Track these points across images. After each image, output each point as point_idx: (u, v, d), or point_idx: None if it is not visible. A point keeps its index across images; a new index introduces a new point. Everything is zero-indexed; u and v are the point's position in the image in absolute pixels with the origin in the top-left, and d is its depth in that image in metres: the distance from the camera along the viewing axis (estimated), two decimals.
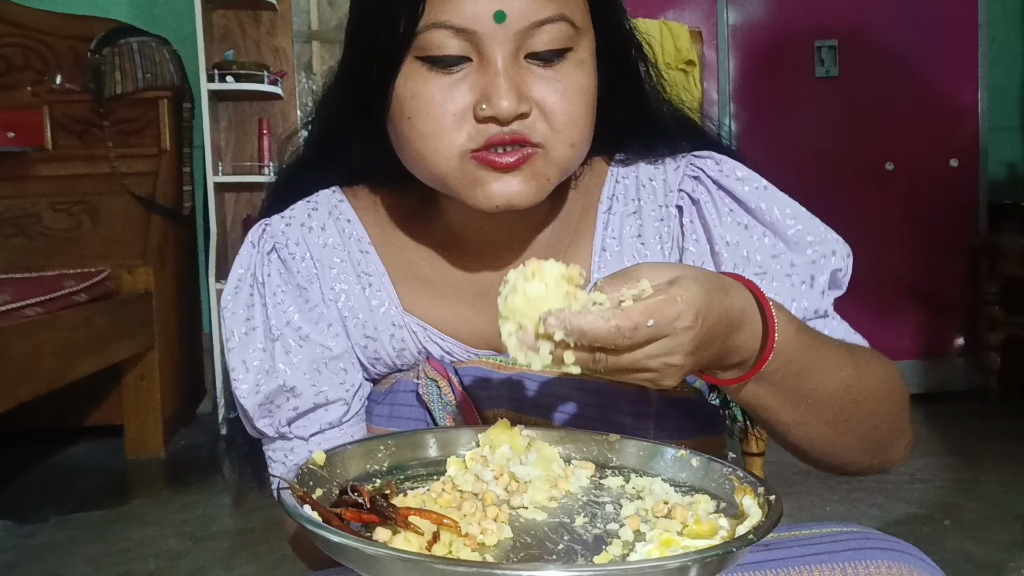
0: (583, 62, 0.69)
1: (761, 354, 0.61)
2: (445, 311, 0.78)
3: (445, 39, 0.66)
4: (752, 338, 0.61)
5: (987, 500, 2.34)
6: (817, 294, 0.73)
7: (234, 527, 2.31)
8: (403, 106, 0.68)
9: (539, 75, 0.67)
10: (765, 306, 0.61)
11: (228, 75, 3.19)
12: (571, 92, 0.68)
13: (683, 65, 2.43)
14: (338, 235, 0.79)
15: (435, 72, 0.67)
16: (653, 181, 0.78)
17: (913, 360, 3.47)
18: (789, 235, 0.74)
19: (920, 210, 3.47)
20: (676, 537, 0.54)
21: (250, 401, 0.75)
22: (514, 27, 0.65)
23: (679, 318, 0.54)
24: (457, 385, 0.77)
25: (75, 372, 2.57)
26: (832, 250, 0.74)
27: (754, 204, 0.74)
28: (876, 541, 0.66)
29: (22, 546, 2.23)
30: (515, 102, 0.65)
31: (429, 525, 0.53)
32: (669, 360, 0.56)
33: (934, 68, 3.44)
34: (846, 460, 0.71)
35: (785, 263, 0.73)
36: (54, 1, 3.49)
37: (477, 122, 0.67)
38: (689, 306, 0.55)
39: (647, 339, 0.54)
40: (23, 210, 3.25)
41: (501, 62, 0.66)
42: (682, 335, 0.55)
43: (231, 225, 3.45)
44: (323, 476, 0.61)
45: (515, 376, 0.76)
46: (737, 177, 0.75)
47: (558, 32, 0.67)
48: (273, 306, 0.76)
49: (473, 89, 0.67)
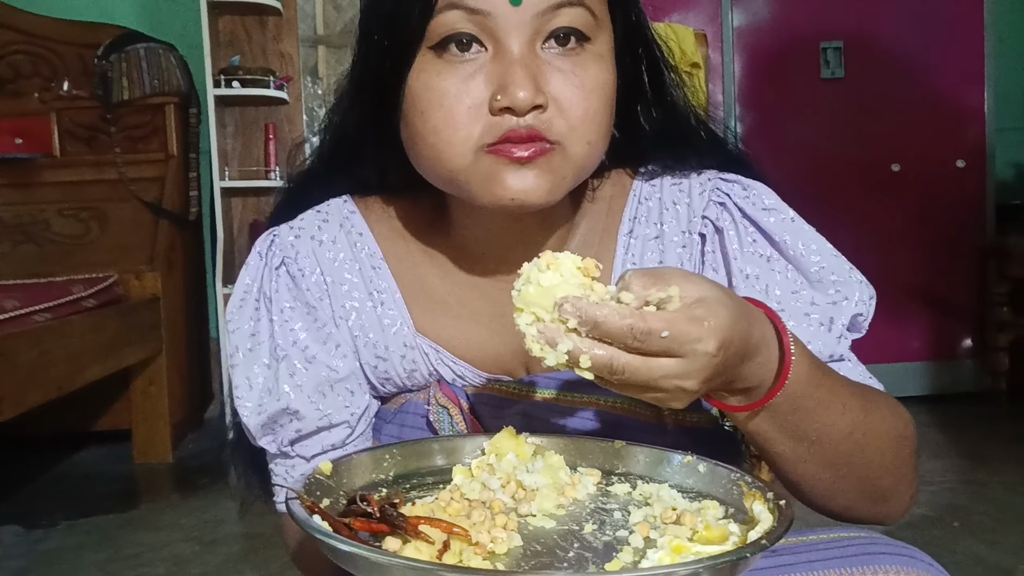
0: (602, 56, 0.67)
1: (773, 386, 0.60)
2: (458, 332, 0.76)
3: (458, 19, 0.64)
4: (766, 368, 0.59)
5: (996, 502, 2.33)
6: (834, 338, 0.71)
7: (242, 532, 2.31)
8: (416, 100, 0.66)
9: (556, 67, 0.65)
10: (784, 339, 0.59)
11: (234, 80, 3.19)
12: (589, 86, 0.65)
13: (688, 68, 2.43)
14: (349, 249, 0.77)
15: (449, 63, 0.65)
16: (677, 205, 0.76)
17: (921, 362, 3.46)
18: (812, 272, 0.71)
19: (927, 212, 3.46)
20: (687, 544, 0.54)
21: (253, 420, 0.73)
22: (531, 9, 0.63)
23: (700, 342, 0.52)
24: (468, 412, 0.75)
25: (83, 378, 2.58)
26: (855, 292, 0.71)
27: (779, 237, 0.72)
28: (884, 546, 0.66)
29: (32, 552, 2.23)
30: (532, 92, 0.63)
31: (439, 534, 0.53)
32: (683, 384, 0.54)
33: (940, 69, 3.43)
34: (844, 505, 0.69)
35: (805, 301, 0.71)
36: (61, 8, 3.51)
37: (492, 115, 0.64)
38: (713, 333, 0.53)
39: (659, 351, 0.52)
40: (31, 216, 3.26)
41: (517, 50, 0.64)
42: (701, 360, 0.53)
43: (238, 230, 3.46)
44: (330, 486, 0.61)
45: (527, 403, 0.75)
46: (764, 207, 0.73)
47: (576, 16, 0.65)
48: (280, 324, 0.74)
49: (488, 81, 0.64)
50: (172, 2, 3.67)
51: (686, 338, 0.52)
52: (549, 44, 0.65)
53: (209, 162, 3.27)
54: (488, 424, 0.75)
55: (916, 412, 2.54)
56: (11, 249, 3.20)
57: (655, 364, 0.53)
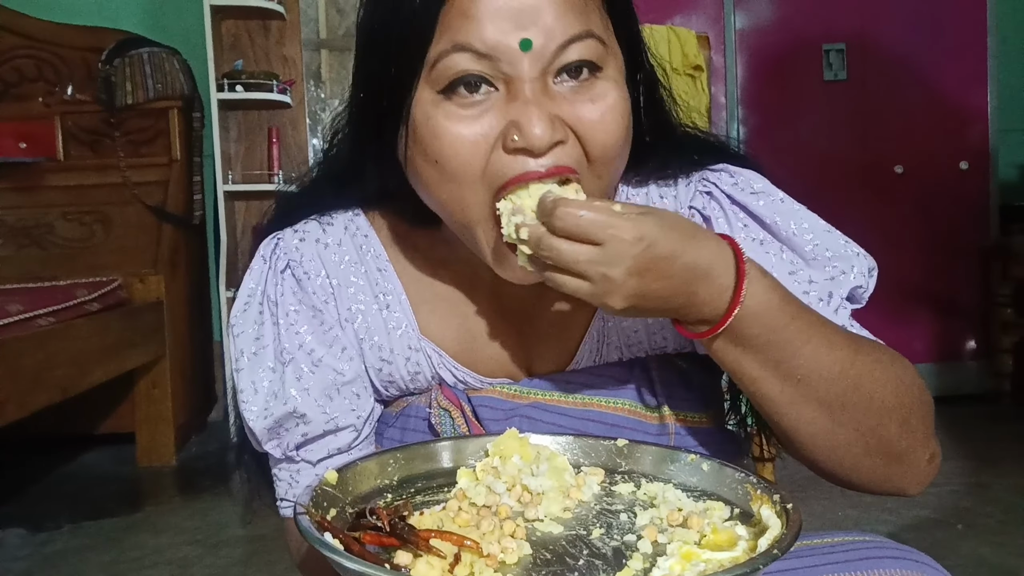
0: (616, 81, 0.65)
1: (729, 306, 0.60)
2: (461, 336, 0.77)
3: (467, 61, 0.62)
4: (722, 293, 0.60)
5: (1001, 504, 2.32)
6: (831, 311, 0.70)
7: (246, 534, 2.31)
8: (425, 145, 0.64)
9: (572, 100, 0.63)
10: (740, 263, 0.60)
11: (238, 84, 3.20)
12: (608, 113, 0.64)
13: (690, 70, 2.43)
14: (355, 251, 0.77)
15: (459, 106, 0.63)
16: (664, 199, 0.76)
17: (926, 364, 3.45)
18: (807, 251, 0.71)
19: (930, 213, 3.46)
20: (696, 550, 0.54)
21: (258, 424, 0.73)
22: (541, 52, 0.61)
23: (615, 228, 0.56)
24: (471, 415, 0.75)
25: (88, 381, 2.58)
26: (852, 265, 0.71)
27: (769, 219, 0.72)
28: (889, 550, 0.66)
29: (36, 554, 2.24)
30: (549, 130, 0.61)
31: (450, 547, 0.53)
32: (607, 272, 0.57)
33: (943, 70, 3.43)
34: (851, 464, 0.66)
35: (803, 280, 0.71)
36: (65, 13, 3.52)
37: (506, 153, 0.62)
38: (633, 225, 0.56)
39: (578, 233, 0.56)
40: (35, 220, 3.27)
41: (530, 89, 0.61)
42: (618, 247, 0.56)
43: (241, 233, 3.46)
44: (335, 495, 0.61)
45: (528, 406, 0.75)
46: (752, 191, 0.73)
47: (586, 48, 0.63)
48: (286, 327, 0.74)
49: (500, 122, 0.62)
50: (175, 6, 3.68)
51: (603, 224, 0.56)
52: (562, 78, 0.64)
53: (212, 166, 3.28)
54: (490, 427, 0.75)
55: None
56: (15, 253, 3.21)
57: (578, 248, 0.57)
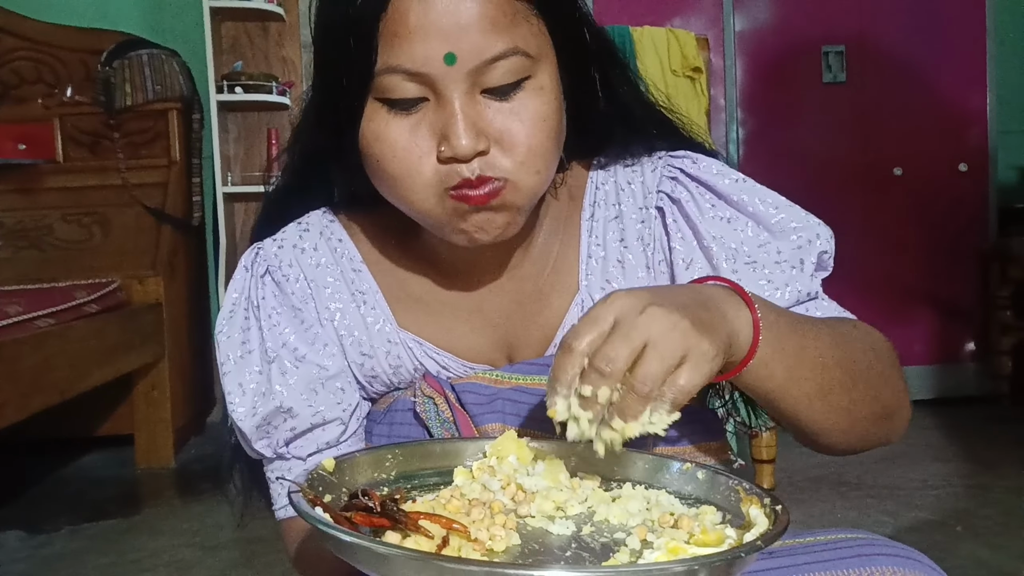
0: (543, 88, 0.69)
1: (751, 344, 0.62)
2: (440, 327, 0.79)
3: (400, 82, 0.66)
4: (739, 317, 0.62)
5: (1000, 506, 2.32)
6: (807, 277, 0.75)
7: (244, 537, 2.31)
8: (370, 148, 0.69)
9: (497, 108, 0.67)
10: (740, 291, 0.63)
11: (237, 86, 3.21)
12: (530, 122, 0.68)
13: (690, 72, 2.44)
14: (330, 254, 0.80)
15: (395, 114, 0.68)
16: (632, 184, 0.79)
17: (924, 366, 3.45)
18: (772, 224, 0.75)
19: (929, 215, 3.46)
20: (683, 545, 0.54)
21: (247, 423, 0.75)
22: (466, 67, 0.65)
23: (606, 306, 0.58)
24: (455, 401, 0.77)
25: (86, 383, 2.58)
26: (816, 233, 0.75)
27: (736, 197, 0.76)
28: (882, 547, 0.66)
29: (35, 556, 2.24)
30: (472, 140, 0.65)
31: (439, 529, 0.54)
32: (661, 319, 0.56)
33: (942, 72, 3.43)
34: (860, 432, 0.72)
35: (772, 251, 0.75)
36: (64, 14, 3.52)
37: (440, 163, 0.67)
38: (617, 295, 0.58)
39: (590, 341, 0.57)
40: (34, 222, 3.27)
41: (457, 102, 0.66)
42: (622, 309, 0.57)
43: (240, 235, 3.46)
44: (332, 482, 0.62)
45: (511, 390, 0.77)
46: (714, 172, 0.77)
47: (512, 66, 0.66)
48: (268, 328, 0.77)
49: (432, 132, 0.67)
50: (175, 8, 3.69)
51: (598, 312, 0.58)
52: (488, 95, 0.67)
53: (212, 167, 3.28)
54: (474, 412, 0.76)
55: (919, 416, 2.55)
56: (14, 254, 3.21)
57: (617, 342, 0.57)
